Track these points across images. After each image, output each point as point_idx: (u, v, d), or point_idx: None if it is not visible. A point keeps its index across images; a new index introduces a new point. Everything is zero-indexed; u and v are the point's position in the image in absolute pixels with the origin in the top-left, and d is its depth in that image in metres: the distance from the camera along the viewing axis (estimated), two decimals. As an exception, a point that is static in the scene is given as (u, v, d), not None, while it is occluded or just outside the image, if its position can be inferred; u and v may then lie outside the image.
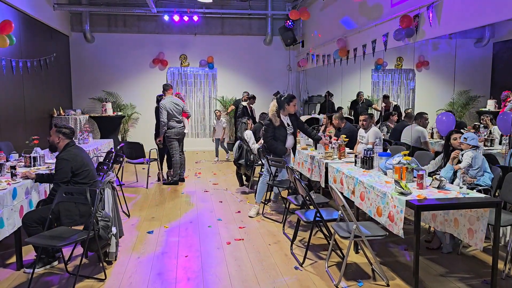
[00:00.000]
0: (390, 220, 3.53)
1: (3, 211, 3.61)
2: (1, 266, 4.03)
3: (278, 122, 5.39)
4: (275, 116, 5.40)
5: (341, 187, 4.63)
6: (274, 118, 5.40)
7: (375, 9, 7.24)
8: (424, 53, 12.21)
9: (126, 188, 7.33)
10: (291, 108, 5.46)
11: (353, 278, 3.77)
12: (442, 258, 4.19)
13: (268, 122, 5.46)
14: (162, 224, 5.37)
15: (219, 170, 9.11)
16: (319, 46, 10.17)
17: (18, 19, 7.80)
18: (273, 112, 5.41)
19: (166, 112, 7.20)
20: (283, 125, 5.45)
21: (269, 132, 5.43)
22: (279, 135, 5.44)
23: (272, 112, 5.43)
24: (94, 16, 11.35)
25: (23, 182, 4.09)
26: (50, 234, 3.57)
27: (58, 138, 4.09)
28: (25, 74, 8.02)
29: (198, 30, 11.84)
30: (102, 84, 11.65)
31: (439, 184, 3.68)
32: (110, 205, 4.18)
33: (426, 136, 6.58)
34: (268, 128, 5.44)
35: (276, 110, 5.44)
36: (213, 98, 12.34)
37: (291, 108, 5.46)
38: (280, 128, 5.43)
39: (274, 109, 5.43)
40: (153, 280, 3.75)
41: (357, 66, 9.46)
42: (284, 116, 5.50)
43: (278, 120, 5.40)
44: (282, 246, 4.59)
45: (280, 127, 5.42)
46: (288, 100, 5.44)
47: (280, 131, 5.44)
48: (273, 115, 5.41)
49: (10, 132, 7.36)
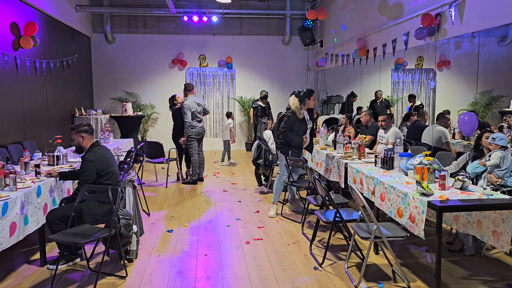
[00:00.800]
0: (411, 221, 3.48)
1: (28, 208, 3.69)
2: (26, 262, 4.13)
3: (301, 115, 5.38)
4: (299, 109, 5.37)
5: (361, 188, 4.59)
6: (298, 111, 5.36)
7: (396, 8, 7.15)
8: (446, 52, 12.00)
9: (146, 187, 7.41)
10: (311, 102, 5.49)
11: (373, 279, 3.73)
12: (465, 261, 4.11)
13: (291, 115, 5.40)
14: (182, 223, 5.41)
15: (237, 170, 9.14)
16: (338, 45, 10.10)
17: (41, 21, 7.97)
18: (297, 105, 5.37)
19: (190, 112, 7.28)
20: (305, 119, 5.46)
21: (289, 123, 5.38)
22: (298, 129, 5.41)
23: (295, 105, 5.37)
24: (115, 17, 11.52)
25: (47, 180, 4.18)
26: (73, 232, 3.63)
27: (81, 138, 4.11)
28: (48, 74, 8.20)
29: (217, 31, 11.90)
30: (123, 84, 11.82)
31: (462, 185, 3.61)
32: (131, 204, 4.24)
33: (448, 137, 6.47)
34: (289, 119, 5.38)
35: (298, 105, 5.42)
36: (231, 98, 12.38)
37: (311, 102, 5.49)
38: (301, 122, 5.43)
39: (297, 103, 5.38)
40: (173, 279, 3.78)
41: (377, 65, 9.35)
42: (304, 111, 5.50)
43: (301, 113, 5.39)
44: (301, 246, 4.57)
45: (302, 121, 5.42)
46: (308, 94, 5.48)
47: (301, 125, 5.43)
48: (297, 107, 5.36)
49: (34, 132, 7.54)
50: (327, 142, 6.55)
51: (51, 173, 4.24)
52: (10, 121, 6.75)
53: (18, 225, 3.50)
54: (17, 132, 6.98)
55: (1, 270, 3.90)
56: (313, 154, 6.53)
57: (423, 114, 7.58)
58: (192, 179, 7.63)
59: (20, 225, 3.54)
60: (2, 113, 6.45)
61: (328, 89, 12.07)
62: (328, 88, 12.08)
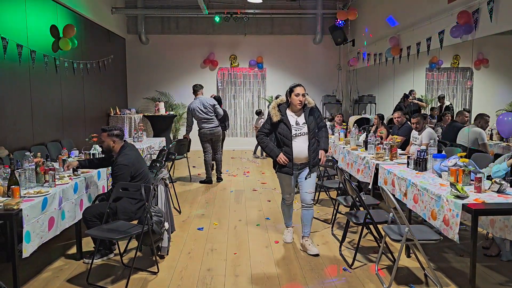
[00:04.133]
0: (445, 224, 3.40)
1: (65, 204, 3.84)
2: (63, 256, 4.29)
3: (277, 117, 4.21)
4: (274, 109, 4.25)
5: (392, 189, 4.52)
6: (273, 111, 4.24)
7: (430, 6, 6.98)
8: (484, 50, 11.60)
9: (177, 185, 7.54)
10: (294, 100, 4.21)
11: (405, 282, 3.67)
12: (502, 266, 3.97)
13: (268, 117, 4.36)
14: (212, 221, 5.48)
15: (267, 169, 9.16)
16: (370, 44, 9.95)
17: (79, 23, 8.25)
18: (274, 105, 4.30)
19: (190, 115, 7.53)
20: (286, 122, 4.22)
21: (265, 126, 4.35)
22: (281, 136, 4.25)
23: (272, 105, 4.32)
24: (148, 19, 11.78)
25: (83, 177, 4.33)
26: (108, 228, 3.75)
27: (113, 141, 4.22)
28: (85, 75, 8.47)
29: (248, 30, 11.96)
30: (155, 84, 12.07)
31: (499, 187, 3.50)
32: (163, 201, 4.33)
33: (485, 138, 6.26)
34: (265, 123, 4.38)
35: (279, 104, 4.31)
36: (262, 98, 12.41)
37: (294, 100, 4.21)
38: (279, 125, 4.24)
39: (278, 101, 4.34)
40: (203, 276, 3.84)
41: (410, 64, 9.16)
42: (293, 112, 4.30)
43: (277, 114, 4.21)
44: (330, 247, 4.54)
45: (279, 123, 4.23)
46: (289, 90, 4.28)
47: (281, 129, 4.24)
48: (273, 107, 4.27)
49: (71, 130, 7.81)
50: (358, 143, 6.47)
51: (69, 164, 4.36)
52: (50, 120, 7.03)
53: (56, 220, 3.64)
54: (56, 130, 7.26)
55: (39, 263, 4.07)
56: (343, 154, 6.47)
57: (462, 114, 7.33)
58: (207, 179, 7.74)
59: (58, 220, 3.69)
60: (42, 112, 6.72)
61: (360, 89, 11.91)
62: (360, 87, 11.92)
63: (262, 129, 4.36)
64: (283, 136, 4.24)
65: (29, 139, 6.32)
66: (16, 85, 6.03)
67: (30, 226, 3.22)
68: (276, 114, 4.25)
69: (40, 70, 6.60)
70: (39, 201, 3.39)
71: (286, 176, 4.34)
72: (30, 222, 3.22)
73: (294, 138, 4.23)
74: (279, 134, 4.26)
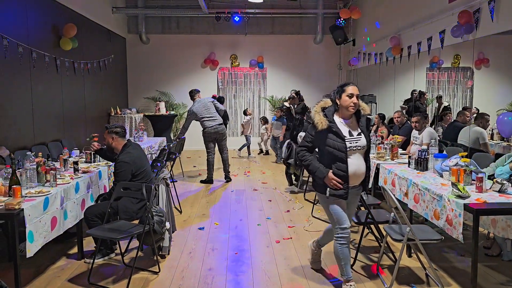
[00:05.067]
0: (448, 224, 3.40)
1: (67, 203, 3.84)
2: (64, 255, 4.29)
3: (323, 124, 3.26)
4: (318, 114, 3.33)
5: (392, 189, 4.52)
6: (317, 117, 3.31)
7: (431, 5, 6.98)
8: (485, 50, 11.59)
9: (178, 185, 7.54)
10: (345, 102, 3.28)
11: (406, 282, 3.67)
12: (503, 266, 3.98)
13: (310, 125, 3.46)
14: (213, 221, 5.48)
15: (268, 169, 9.16)
16: (371, 44, 9.95)
17: (79, 22, 8.24)
18: (317, 109, 3.38)
19: (191, 118, 7.57)
20: (337, 130, 3.27)
21: (306, 139, 3.43)
22: (330, 149, 3.27)
23: (314, 110, 3.40)
24: (149, 18, 11.78)
25: (84, 177, 4.33)
26: (109, 227, 3.75)
27: (112, 138, 4.26)
28: (85, 75, 8.47)
29: (249, 30, 11.95)
30: (156, 84, 12.07)
31: (500, 187, 3.50)
32: (164, 201, 4.33)
33: (486, 138, 6.26)
34: (305, 135, 3.48)
35: (323, 108, 3.41)
36: (262, 97, 12.41)
37: (345, 102, 3.28)
38: (328, 135, 3.28)
39: (322, 104, 3.42)
40: (204, 275, 3.84)
41: (411, 64, 9.16)
42: (344, 118, 3.36)
43: (323, 121, 3.27)
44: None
45: (327, 133, 3.28)
46: (338, 89, 3.37)
47: (331, 140, 3.27)
48: (316, 111, 3.36)
49: (72, 130, 7.82)
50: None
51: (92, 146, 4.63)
52: (50, 119, 7.03)
53: (58, 219, 3.65)
54: (57, 130, 7.26)
55: (42, 263, 4.08)
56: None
57: (463, 114, 7.33)
58: (207, 179, 7.75)
59: (60, 219, 3.69)
60: (43, 112, 6.72)
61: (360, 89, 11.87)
62: (360, 87, 11.87)
63: (303, 143, 3.42)
64: (334, 149, 3.24)
65: (30, 139, 6.32)
66: (17, 85, 6.03)
67: (32, 226, 3.23)
68: (321, 120, 3.26)
69: (40, 70, 6.60)
70: (41, 201, 3.39)
71: (339, 200, 3.33)
72: (32, 222, 3.23)
73: (348, 152, 3.28)
74: (328, 147, 3.27)
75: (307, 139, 3.41)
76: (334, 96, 3.36)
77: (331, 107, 3.38)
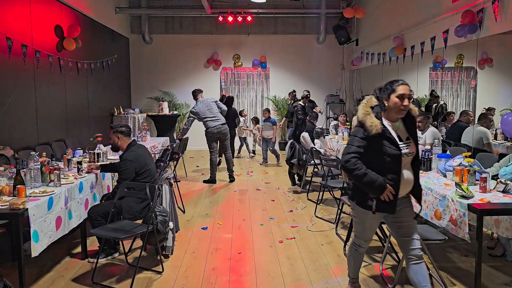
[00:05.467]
0: (452, 224, 3.39)
1: (71, 203, 3.86)
2: (68, 255, 4.31)
3: (377, 127, 2.82)
4: (369, 115, 2.87)
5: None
6: (370, 119, 2.85)
7: (435, 5, 6.97)
8: (488, 49, 11.56)
9: (181, 185, 7.55)
10: (395, 104, 2.83)
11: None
12: (507, 266, 3.97)
13: (358, 128, 2.95)
14: (216, 220, 5.49)
15: (271, 169, 9.16)
16: (374, 44, 9.93)
17: (83, 23, 8.27)
18: (366, 109, 2.91)
19: (193, 118, 7.57)
20: (390, 136, 2.85)
21: (354, 143, 2.89)
22: (384, 157, 2.84)
23: (363, 109, 2.93)
24: (152, 18, 11.79)
25: (88, 176, 4.34)
26: (113, 227, 3.76)
27: (117, 138, 4.28)
28: (89, 75, 8.50)
29: (252, 30, 11.96)
30: (159, 84, 12.09)
31: (504, 187, 3.49)
32: (168, 201, 4.35)
33: (489, 138, 6.24)
34: (354, 139, 2.92)
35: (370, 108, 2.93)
36: (265, 97, 12.41)
37: (395, 104, 2.83)
38: (382, 142, 2.84)
39: (370, 103, 2.94)
40: (208, 275, 3.85)
41: (414, 64, 9.14)
42: (391, 121, 2.93)
43: (378, 125, 2.82)
44: (334, 246, 4.54)
45: (381, 138, 2.84)
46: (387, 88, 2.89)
47: (387, 148, 2.83)
48: (366, 112, 2.90)
49: (75, 130, 7.84)
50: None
51: (92, 167, 4.45)
52: (54, 119, 7.05)
53: (63, 219, 3.66)
54: (60, 130, 7.28)
55: (46, 262, 4.09)
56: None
57: (467, 114, 7.30)
58: (210, 179, 7.76)
59: (65, 219, 3.71)
60: (47, 111, 6.75)
61: (363, 89, 11.89)
62: (363, 87, 11.90)
63: (354, 149, 2.87)
64: (389, 157, 2.83)
65: (33, 139, 6.34)
66: (21, 85, 6.05)
67: (37, 226, 3.24)
68: (375, 123, 2.82)
69: (44, 70, 6.62)
70: (45, 200, 3.41)
71: (377, 215, 2.98)
72: (37, 221, 3.24)
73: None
74: (382, 155, 2.84)
75: (357, 144, 2.87)
76: (381, 95, 2.93)
77: (377, 107, 2.93)
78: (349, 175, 2.93)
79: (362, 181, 2.84)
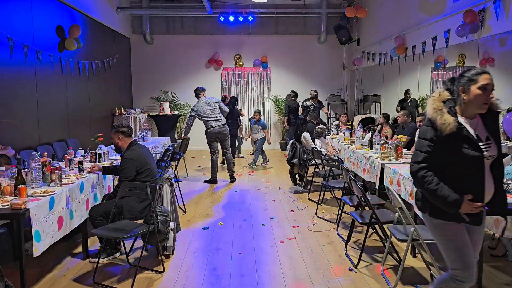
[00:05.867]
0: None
1: (72, 203, 3.86)
2: (69, 255, 4.31)
3: (451, 125, 2.35)
4: (441, 111, 2.40)
5: (397, 189, 4.51)
6: (442, 117, 2.37)
7: (436, 5, 6.96)
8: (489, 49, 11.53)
9: (182, 184, 7.55)
10: (477, 98, 2.38)
11: (410, 282, 3.66)
12: (508, 266, 3.96)
13: (426, 127, 2.46)
14: (217, 220, 5.49)
15: (272, 169, 9.16)
16: (375, 44, 9.93)
17: (84, 23, 8.28)
18: (438, 104, 2.43)
19: (193, 117, 7.56)
20: (468, 135, 2.39)
21: (422, 149, 2.45)
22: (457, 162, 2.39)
23: (433, 104, 2.44)
24: (153, 18, 11.80)
25: (89, 176, 4.35)
26: (114, 227, 3.77)
27: (118, 138, 4.31)
28: (90, 75, 8.51)
29: (253, 30, 11.96)
30: (160, 84, 12.10)
31: (505, 188, 3.47)
32: (169, 201, 4.35)
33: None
34: (423, 144, 2.46)
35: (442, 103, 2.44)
36: (266, 97, 12.41)
37: (477, 98, 2.38)
38: (458, 142, 2.38)
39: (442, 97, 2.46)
40: (208, 275, 3.85)
41: (416, 64, 9.13)
42: (468, 118, 2.46)
43: (452, 122, 2.36)
44: (336, 246, 4.54)
45: (456, 138, 2.37)
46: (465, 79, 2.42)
47: (465, 149, 2.37)
48: (438, 107, 2.42)
49: (77, 130, 7.85)
50: (363, 142, 6.45)
51: (95, 169, 4.48)
52: (55, 119, 7.06)
53: (64, 219, 3.67)
54: (62, 130, 7.29)
55: (47, 262, 4.10)
56: (349, 154, 6.45)
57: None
58: (211, 179, 7.76)
59: (67, 219, 3.72)
60: (48, 112, 6.76)
61: (364, 88, 11.89)
62: (364, 87, 11.89)
63: (424, 157, 2.44)
64: (469, 161, 2.37)
65: (35, 139, 6.35)
66: (22, 85, 6.06)
67: (39, 226, 3.25)
68: (449, 120, 2.36)
69: (46, 70, 6.63)
70: (46, 200, 3.41)
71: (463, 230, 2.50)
72: (38, 221, 3.25)
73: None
74: (460, 158, 2.38)
75: (424, 150, 2.42)
76: (456, 87, 2.45)
77: (450, 102, 2.45)
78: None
79: (435, 195, 2.39)
